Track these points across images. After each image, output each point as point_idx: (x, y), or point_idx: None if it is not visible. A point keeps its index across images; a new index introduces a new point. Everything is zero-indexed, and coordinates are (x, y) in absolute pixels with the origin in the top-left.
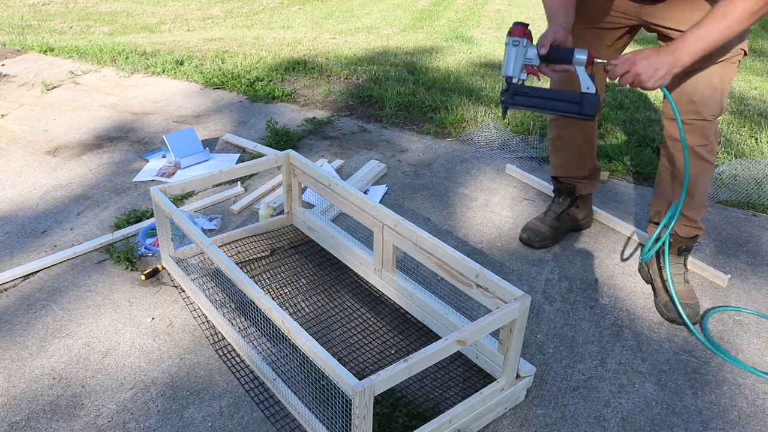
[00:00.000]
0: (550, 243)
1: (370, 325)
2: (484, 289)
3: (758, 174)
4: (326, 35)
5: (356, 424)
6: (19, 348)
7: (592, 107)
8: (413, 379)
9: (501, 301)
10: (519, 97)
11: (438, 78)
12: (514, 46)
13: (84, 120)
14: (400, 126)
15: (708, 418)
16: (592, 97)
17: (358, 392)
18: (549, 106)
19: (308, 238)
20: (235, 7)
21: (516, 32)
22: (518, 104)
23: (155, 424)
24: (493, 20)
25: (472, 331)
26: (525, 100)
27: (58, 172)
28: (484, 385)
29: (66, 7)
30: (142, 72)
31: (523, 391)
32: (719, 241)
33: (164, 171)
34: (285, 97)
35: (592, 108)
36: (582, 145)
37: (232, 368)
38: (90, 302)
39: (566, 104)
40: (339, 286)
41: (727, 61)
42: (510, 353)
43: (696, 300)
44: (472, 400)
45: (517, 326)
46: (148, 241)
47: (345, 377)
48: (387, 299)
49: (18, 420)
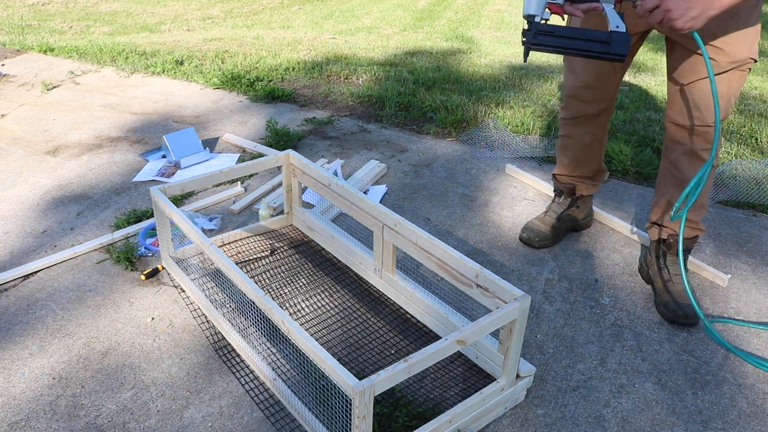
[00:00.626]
0: (550, 243)
1: (370, 325)
2: (484, 289)
3: (758, 174)
4: (326, 35)
5: (356, 424)
6: (19, 348)
7: (622, 46)
8: (413, 379)
9: (501, 301)
10: (542, 37)
11: (438, 78)
12: None
13: (84, 120)
14: (400, 126)
15: (708, 418)
16: (623, 35)
17: (358, 392)
18: (575, 47)
19: (308, 238)
20: (235, 7)
21: None
22: (541, 44)
23: (155, 424)
24: (493, 20)
25: (472, 331)
26: (549, 40)
27: (58, 172)
28: (484, 385)
29: (66, 7)
30: (142, 72)
31: (523, 391)
32: (719, 241)
33: (164, 171)
34: (285, 97)
35: (622, 47)
36: (590, 144)
37: (232, 368)
38: (90, 302)
39: (594, 44)
40: (339, 286)
41: (736, 69)
42: (510, 353)
43: (696, 300)
44: (472, 400)
45: (517, 326)
46: (148, 241)
47: (345, 377)
48: (387, 299)
49: (18, 420)
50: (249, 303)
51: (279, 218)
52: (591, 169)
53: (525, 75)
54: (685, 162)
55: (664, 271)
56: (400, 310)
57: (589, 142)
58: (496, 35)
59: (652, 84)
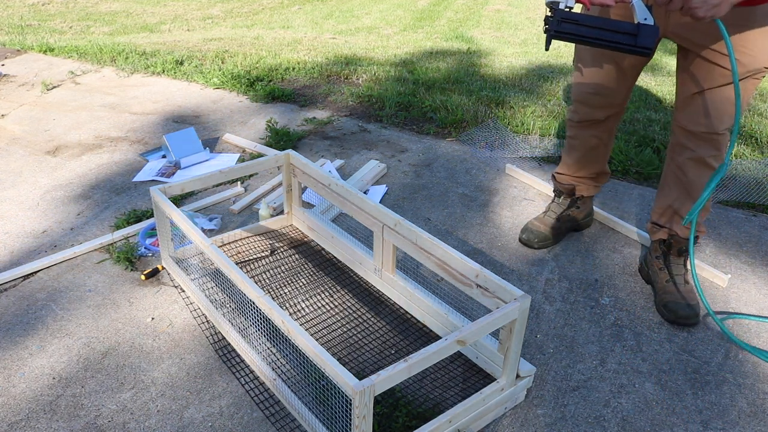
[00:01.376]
0: (551, 243)
1: (371, 325)
2: (484, 289)
3: (758, 174)
4: (326, 35)
5: (356, 424)
6: (19, 348)
7: (649, 39)
8: (413, 379)
9: (501, 301)
10: (566, 25)
11: (438, 78)
12: None
13: (84, 120)
14: (400, 126)
15: (708, 418)
16: (651, 28)
17: (358, 392)
18: (601, 37)
19: (308, 238)
20: (235, 7)
21: None
22: (564, 33)
23: (155, 424)
24: (493, 20)
25: (472, 331)
26: (573, 28)
27: (58, 172)
28: (484, 385)
29: (66, 7)
30: (142, 72)
31: (523, 391)
32: (719, 241)
33: (164, 171)
34: (285, 97)
35: (649, 40)
36: (596, 147)
37: (232, 368)
38: (90, 302)
39: (621, 36)
40: (339, 286)
41: (750, 77)
42: (510, 353)
43: (697, 300)
44: (472, 400)
45: (517, 326)
46: (148, 241)
47: (345, 377)
48: (387, 299)
49: (18, 420)
50: (249, 303)
51: (279, 218)
52: (594, 171)
53: (525, 75)
54: (692, 167)
55: (665, 271)
56: (400, 310)
57: (594, 144)
58: (496, 35)
59: (653, 84)
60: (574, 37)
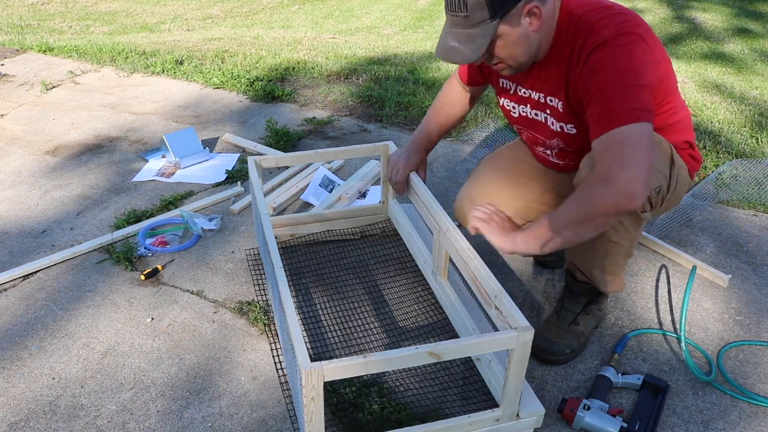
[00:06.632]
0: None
1: (408, 324)
2: (499, 312)
3: (758, 174)
4: (326, 35)
5: (305, 403)
6: (19, 348)
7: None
8: (414, 383)
9: (509, 326)
10: None
11: (438, 78)
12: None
13: (84, 120)
14: (400, 126)
15: (708, 418)
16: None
17: (305, 371)
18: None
19: (396, 231)
20: (235, 6)
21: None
22: None
23: (155, 425)
24: None
25: (448, 347)
26: None
27: (58, 172)
28: (485, 409)
29: (65, 7)
30: (142, 72)
31: (529, 429)
32: (719, 241)
33: (164, 171)
34: (285, 97)
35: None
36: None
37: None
38: (89, 302)
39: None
40: (399, 283)
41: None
42: (509, 384)
43: (569, 344)
44: (457, 421)
45: (515, 357)
46: (147, 241)
47: (300, 357)
48: (437, 303)
49: (18, 420)
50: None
51: (374, 206)
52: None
53: None
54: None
55: (561, 301)
56: (447, 319)
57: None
58: None
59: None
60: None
